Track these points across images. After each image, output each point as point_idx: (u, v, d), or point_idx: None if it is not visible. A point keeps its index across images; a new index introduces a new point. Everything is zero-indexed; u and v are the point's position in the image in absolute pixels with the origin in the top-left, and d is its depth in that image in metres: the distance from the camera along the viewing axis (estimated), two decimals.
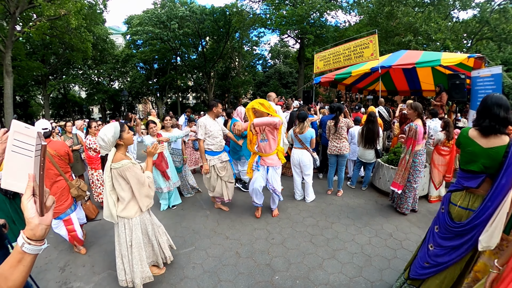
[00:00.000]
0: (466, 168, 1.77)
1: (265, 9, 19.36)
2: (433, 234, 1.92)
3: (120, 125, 2.11)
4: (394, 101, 13.17)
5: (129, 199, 2.19)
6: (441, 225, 1.86)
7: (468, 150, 1.75)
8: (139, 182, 2.15)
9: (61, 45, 18.49)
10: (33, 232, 0.73)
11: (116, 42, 26.74)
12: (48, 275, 2.75)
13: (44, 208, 0.75)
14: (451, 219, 1.79)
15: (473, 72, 5.83)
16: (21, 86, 20.07)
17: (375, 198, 4.47)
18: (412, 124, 3.41)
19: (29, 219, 0.73)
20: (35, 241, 0.74)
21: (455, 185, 1.86)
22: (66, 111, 28.52)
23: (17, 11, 12.26)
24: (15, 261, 0.73)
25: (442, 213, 1.88)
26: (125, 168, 2.10)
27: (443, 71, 7.62)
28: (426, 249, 1.95)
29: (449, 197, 1.85)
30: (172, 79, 26.08)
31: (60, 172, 2.88)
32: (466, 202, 1.75)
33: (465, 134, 1.80)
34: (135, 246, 2.25)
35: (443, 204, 1.90)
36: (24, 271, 0.74)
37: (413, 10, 13.27)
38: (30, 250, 0.74)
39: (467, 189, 1.76)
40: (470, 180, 1.73)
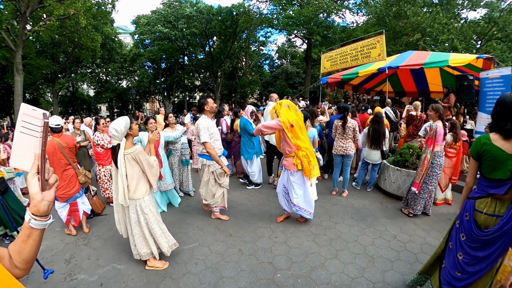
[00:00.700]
0: (491, 176, 1.67)
1: (272, 9, 19.34)
2: (460, 242, 1.84)
3: (129, 118, 2.46)
4: (402, 103, 13.04)
5: (139, 180, 2.49)
6: (467, 233, 1.79)
7: (492, 158, 1.65)
8: (149, 164, 2.49)
9: (70, 44, 18.79)
10: (36, 208, 0.78)
11: (124, 41, 27.08)
12: (54, 266, 2.82)
13: (46, 184, 0.80)
14: (478, 228, 1.71)
15: (482, 73, 5.72)
16: (31, 84, 20.44)
17: (380, 200, 4.43)
18: (432, 124, 3.39)
19: (33, 195, 0.78)
20: (39, 216, 0.79)
21: (479, 192, 1.77)
22: (75, 108, 28.97)
23: (28, 11, 12.51)
24: (25, 236, 0.79)
25: (467, 221, 1.79)
26: (139, 152, 2.44)
27: (452, 72, 7.51)
28: (456, 258, 1.86)
29: (473, 204, 1.77)
30: (179, 79, 26.25)
31: (70, 161, 3.34)
32: (492, 208, 1.67)
33: (488, 141, 1.68)
34: (153, 221, 2.58)
35: (467, 211, 1.81)
36: (34, 245, 0.80)
37: (421, 10, 13.08)
38: (36, 225, 0.79)
39: (492, 195, 1.68)
40: (497, 188, 1.65)
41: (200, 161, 3.45)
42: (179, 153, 4.58)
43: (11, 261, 0.80)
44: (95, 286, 2.49)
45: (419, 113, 6.12)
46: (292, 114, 3.18)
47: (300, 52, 28.98)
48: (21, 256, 0.79)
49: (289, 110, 3.19)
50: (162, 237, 2.64)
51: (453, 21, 12.61)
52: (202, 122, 3.26)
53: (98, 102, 28.89)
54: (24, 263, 0.80)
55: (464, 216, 1.84)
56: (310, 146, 3.28)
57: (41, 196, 0.78)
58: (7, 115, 21.86)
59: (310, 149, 3.24)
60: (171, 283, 2.47)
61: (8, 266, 0.78)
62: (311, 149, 3.28)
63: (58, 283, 2.55)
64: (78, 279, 2.59)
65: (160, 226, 2.65)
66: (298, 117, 3.24)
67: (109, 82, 26.66)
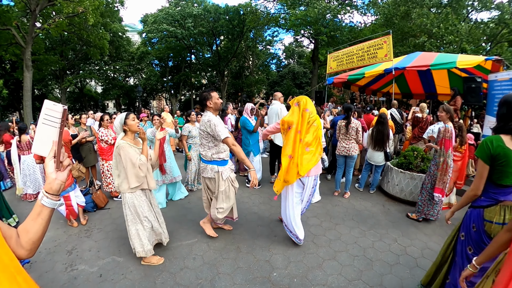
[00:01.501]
0: (504, 183, 1.56)
1: (279, 9, 19.29)
2: (468, 256, 1.72)
3: (126, 114, 2.51)
4: (409, 105, 12.86)
5: (124, 176, 2.49)
6: (475, 245, 1.67)
7: (507, 162, 1.52)
8: (130, 162, 2.41)
9: (78, 41, 19.10)
10: (50, 185, 0.88)
11: (132, 39, 27.35)
12: (56, 256, 2.89)
13: (60, 165, 0.91)
14: (489, 238, 1.61)
15: (491, 75, 5.60)
16: (40, 80, 20.85)
17: (382, 202, 4.39)
18: (447, 125, 3.30)
19: (49, 174, 0.89)
20: (51, 195, 0.88)
21: (486, 200, 1.64)
22: (82, 105, 29.42)
23: (37, 8, 12.77)
24: (35, 214, 0.87)
25: (475, 232, 1.68)
26: (120, 147, 2.42)
27: (460, 74, 7.37)
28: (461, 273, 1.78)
29: (481, 214, 1.65)
30: (186, 77, 26.42)
31: None
32: (502, 217, 1.57)
33: (501, 143, 1.53)
34: (130, 220, 2.58)
35: (474, 222, 1.69)
36: (43, 224, 0.87)
37: (429, 11, 12.88)
38: (47, 203, 0.87)
39: (502, 202, 1.59)
40: (507, 194, 1.56)
41: (210, 168, 2.81)
42: (198, 148, 4.66)
43: (18, 241, 0.84)
44: (94, 277, 2.53)
45: (425, 115, 6.03)
46: (294, 116, 2.80)
47: (307, 52, 28.84)
48: (28, 235, 0.85)
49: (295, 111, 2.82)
50: (136, 240, 2.57)
51: (463, 23, 12.37)
52: (213, 117, 2.73)
53: (106, 99, 29.27)
54: (30, 243, 0.85)
55: (471, 227, 1.72)
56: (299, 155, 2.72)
57: (55, 175, 0.89)
58: (16, 110, 22.34)
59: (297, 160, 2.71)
60: (168, 277, 2.50)
61: (14, 246, 0.82)
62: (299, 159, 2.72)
63: (59, 273, 2.61)
64: (79, 270, 2.65)
65: (137, 226, 2.57)
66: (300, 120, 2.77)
67: (117, 79, 27.00)
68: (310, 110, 2.78)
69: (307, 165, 2.71)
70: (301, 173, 2.69)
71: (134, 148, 2.50)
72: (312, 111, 2.80)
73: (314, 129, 2.78)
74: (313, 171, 2.80)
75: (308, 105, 2.80)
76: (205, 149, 2.82)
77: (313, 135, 2.76)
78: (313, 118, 2.78)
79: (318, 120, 2.83)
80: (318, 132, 2.81)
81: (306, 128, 2.76)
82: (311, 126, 2.76)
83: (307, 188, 2.89)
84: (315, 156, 2.77)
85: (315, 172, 2.85)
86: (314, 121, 2.78)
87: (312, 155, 2.75)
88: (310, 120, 2.76)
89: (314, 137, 2.78)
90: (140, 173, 2.46)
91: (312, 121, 2.77)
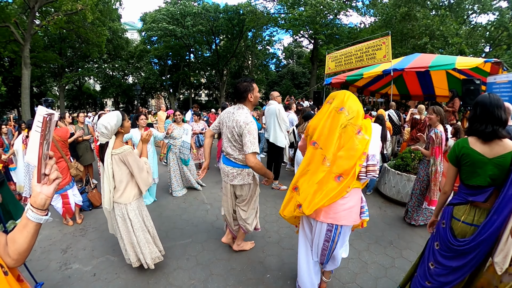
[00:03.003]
0: (470, 183, 1.59)
1: (278, 9, 19.31)
2: (433, 251, 1.76)
3: (121, 114, 2.21)
4: (408, 106, 12.88)
5: (126, 184, 2.26)
6: (442, 242, 1.70)
7: (471, 163, 1.57)
8: (138, 167, 2.23)
9: (77, 39, 19.08)
10: (34, 199, 0.80)
11: (132, 37, 27.34)
12: (50, 255, 2.88)
13: (44, 177, 0.81)
14: (453, 236, 1.62)
15: (489, 77, 5.62)
16: (38, 78, 20.83)
17: (379, 204, 4.38)
18: (437, 130, 3.14)
19: (33, 185, 0.80)
20: (36, 209, 0.80)
21: (458, 198, 1.68)
22: (81, 103, 29.37)
23: (36, 5, 12.76)
24: (22, 226, 0.81)
25: (443, 229, 1.70)
26: (127, 153, 2.18)
27: (458, 76, 7.39)
28: (426, 267, 1.79)
29: (451, 211, 1.68)
30: (185, 76, 26.47)
31: (62, 154, 3.45)
32: (471, 217, 1.58)
33: (466, 145, 1.60)
34: (138, 229, 2.34)
35: (444, 218, 1.72)
36: (28, 237, 0.80)
37: (429, 12, 12.91)
38: (31, 217, 0.80)
39: (472, 202, 1.60)
40: (477, 195, 1.57)
41: (247, 173, 2.41)
42: (178, 150, 4.59)
43: (6, 249, 0.81)
44: (88, 276, 2.53)
45: (423, 116, 6.04)
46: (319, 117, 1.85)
47: (307, 52, 28.87)
48: (14, 245, 0.80)
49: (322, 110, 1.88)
50: (146, 247, 2.38)
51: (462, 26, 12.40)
52: (250, 118, 2.24)
53: (104, 97, 29.26)
54: (16, 253, 0.80)
55: (441, 224, 1.75)
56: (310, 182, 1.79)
57: (39, 189, 0.80)
58: (14, 107, 22.26)
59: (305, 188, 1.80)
60: (161, 277, 2.49)
61: (2, 253, 0.80)
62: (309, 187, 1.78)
63: (54, 271, 2.60)
64: (73, 269, 2.64)
65: (145, 235, 2.40)
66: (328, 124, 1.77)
67: (115, 78, 26.96)
68: (350, 112, 1.73)
69: (319, 198, 1.69)
70: (305, 209, 1.72)
71: (135, 151, 2.36)
72: (354, 113, 1.73)
73: (355, 143, 1.67)
74: (332, 214, 1.74)
75: (349, 102, 1.76)
76: (240, 151, 2.32)
77: (350, 154, 1.67)
78: (355, 124, 1.71)
79: (368, 128, 1.72)
80: (361, 149, 1.67)
81: (338, 140, 1.71)
82: (351, 138, 1.69)
83: (315, 234, 1.90)
84: (339, 191, 1.68)
85: (338, 220, 1.75)
86: (358, 130, 1.70)
87: (337, 186, 1.68)
88: (349, 126, 1.70)
89: (351, 158, 1.67)
90: (149, 178, 2.32)
91: (353, 129, 1.70)
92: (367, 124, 1.74)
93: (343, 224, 1.78)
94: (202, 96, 39.60)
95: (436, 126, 3.23)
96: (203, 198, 4.49)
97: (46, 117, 0.76)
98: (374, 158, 1.72)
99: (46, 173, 0.81)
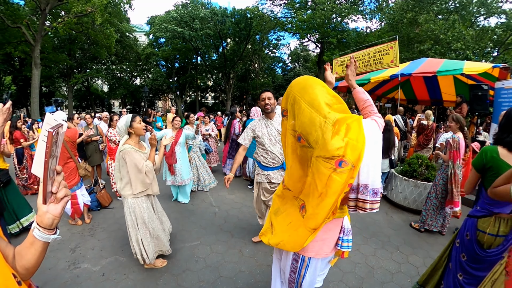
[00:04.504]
0: None
1: (285, 13, 19.40)
2: (461, 262, 1.76)
3: (132, 117, 2.39)
4: (415, 111, 12.78)
5: (127, 180, 2.41)
6: (468, 254, 1.70)
7: (497, 174, 1.53)
8: (136, 167, 2.33)
9: (86, 40, 19.44)
10: (40, 218, 0.74)
11: (140, 40, 27.70)
12: (59, 254, 2.92)
13: (50, 195, 0.75)
14: (480, 247, 1.64)
15: (497, 83, 5.54)
16: (47, 78, 21.23)
17: (386, 210, 4.36)
18: (454, 136, 3.22)
19: (39, 205, 0.74)
20: (43, 228, 0.75)
21: (481, 210, 1.68)
22: (89, 103, 29.77)
23: (47, 7, 13.07)
24: (29, 243, 0.76)
25: (468, 241, 1.71)
26: (125, 152, 2.32)
27: (466, 81, 7.32)
28: (456, 279, 1.78)
29: (475, 223, 1.69)
30: (192, 78, 26.71)
31: (71, 155, 3.52)
32: (496, 228, 1.59)
33: (495, 155, 1.58)
34: (130, 226, 2.49)
35: (468, 230, 1.73)
36: (36, 255, 0.76)
37: (435, 17, 12.84)
38: (38, 236, 0.75)
39: (497, 214, 1.60)
40: (502, 207, 1.56)
41: (280, 174, 2.73)
42: (198, 149, 4.87)
43: (13, 262, 0.78)
44: (97, 276, 2.56)
45: (430, 122, 6.00)
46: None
47: (313, 56, 28.89)
48: (21, 261, 0.77)
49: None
50: (137, 247, 2.51)
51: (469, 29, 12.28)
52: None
53: (112, 98, 29.62)
54: (23, 268, 0.77)
55: (465, 235, 1.76)
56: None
57: (46, 208, 0.74)
58: (24, 106, 22.69)
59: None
60: (170, 278, 2.51)
61: (11, 266, 0.77)
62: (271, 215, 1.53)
63: (62, 270, 2.64)
64: (82, 268, 2.68)
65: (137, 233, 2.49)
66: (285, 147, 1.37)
67: (123, 79, 27.32)
68: (296, 109, 1.21)
69: (281, 233, 1.39)
70: (270, 238, 1.45)
71: (139, 153, 2.40)
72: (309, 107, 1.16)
73: (319, 169, 1.12)
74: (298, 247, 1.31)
75: (294, 92, 1.26)
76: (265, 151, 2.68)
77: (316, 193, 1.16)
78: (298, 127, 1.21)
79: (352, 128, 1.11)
80: (338, 180, 1.09)
81: (293, 163, 1.31)
82: (303, 146, 1.20)
83: (282, 260, 1.60)
84: (295, 229, 1.32)
85: (305, 250, 1.40)
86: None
87: (307, 235, 1.26)
88: (292, 128, 1.25)
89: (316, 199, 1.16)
90: (146, 180, 2.38)
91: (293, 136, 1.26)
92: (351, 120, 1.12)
93: (312, 257, 1.40)
94: (208, 99, 39.87)
95: (456, 133, 3.29)
96: (211, 200, 4.53)
97: (52, 132, 0.68)
98: (368, 189, 1.17)
99: (53, 191, 0.74)
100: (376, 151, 1.16)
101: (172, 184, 4.28)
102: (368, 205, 1.21)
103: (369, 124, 1.22)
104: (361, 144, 1.09)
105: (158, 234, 2.59)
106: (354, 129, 1.11)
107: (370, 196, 1.19)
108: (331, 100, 1.20)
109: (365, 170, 1.15)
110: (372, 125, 1.23)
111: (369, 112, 1.42)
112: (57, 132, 0.70)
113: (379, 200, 1.23)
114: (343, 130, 1.10)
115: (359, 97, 1.51)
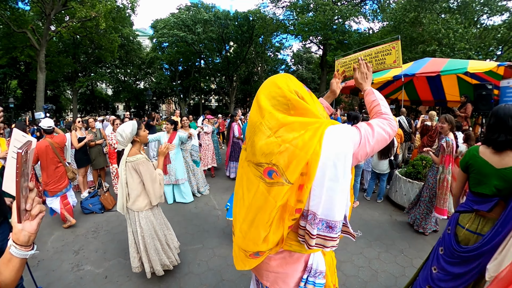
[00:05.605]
0: (476, 190, 1.61)
1: (288, 15, 19.44)
2: (438, 256, 1.78)
3: (137, 123, 2.25)
4: (418, 112, 12.68)
5: (139, 192, 2.27)
6: (446, 247, 1.72)
7: (477, 171, 1.60)
8: (151, 178, 2.24)
9: (90, 45, 19.68)
10: (16, 236, 0.73)
11: (143, 44, 27.98)
12: (63, 256, 2.95)
13: (25, 213, 0.74)
14: (457, 243, 1.64)
15: (503, 81, 5.46)
16: (53, 81, 21.51)
17: (390, 212, 4.31)
18: (448, 139, 3.12)
19: (13, 223, 0.73)
20: (19, 245, 0.74)
21: (464, 205, 1.69)
22: (93, 106, 30.07)
23: (52, 12, 13.29)
24: (6, 259, 0.75)
25: (448, 234, 1.73)
26: (140, 162, 2.21)
27: (469, 80, 7.22)
28: (429, 271, 1.80)
29: (457, 218, 1.71)
30: (195, 81, 26.86)
31: (61, 159, 3.64)
32: (475, 225, 1.60)
33: (475, 153, 1.63)
34: (148, 236, 2.35)
35: (450, 224, 1.75)
36: (14, 271, 0.75)
37: (438, 16, 12.74)
38: (15, 254, 0.74)
39: (477, 211, 1.60)
40: (481, 204, 1.57)
41: None
42: (188, 154, 4.79)
43: None
44: (100, 278, 2.58)
45: (434, 123, 5.94)
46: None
47: (316, 57, 28.89)
48: (0, 276, 0.75)
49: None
50: (155, 255, 2.38)
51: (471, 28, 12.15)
52: None
53: (116, 101, 29.92)
54: (3, 284, 0.75)
55: (446, 229, 1.77)
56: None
57: (21, 226, 0.73)
58: (29, 110, 22.99)
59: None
60: (173, 281, 2.52)
61: None
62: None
63: (66, 272, 2.67)
64: (85, 270, 2.70)
65: (155, 243, 2.39)
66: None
67: (127, 83, 27.58)
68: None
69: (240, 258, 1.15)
70: (235, 262, 1.20)
71: (150, 161, 2.32)
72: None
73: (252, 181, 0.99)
74: (258, 267, 1.17)
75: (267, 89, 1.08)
76: None
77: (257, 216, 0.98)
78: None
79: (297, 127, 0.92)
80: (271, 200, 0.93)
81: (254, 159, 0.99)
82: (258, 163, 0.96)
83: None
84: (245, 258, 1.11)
85: (261, 276, 1.22)
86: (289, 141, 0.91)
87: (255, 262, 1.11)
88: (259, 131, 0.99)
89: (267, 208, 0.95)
90: (160, 189, 2.30)
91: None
92: (312, 127, 0.90)
93: (268, 286, 1.19)
94: (212, 102, 40.02)
95: (447, 134, 3.20)
96: (214, 204, 4.53)
97: (21, 152, 0.66)
98: (317, 219, 0.94)
99: (27, 208, 0.74)
100: (339, 169, 0.88)
101: (166, 183, 4.35)
102: (314, 240, 0.96)
103: (342, 131, 0.92)
104: (306, 154, 0.85)
105: (170, 243, 2.57)
106: (306, 135, 0.87)
107: (321, 230, 0.95)
108: (288, 104, 0.96)
109: (316, 192, 0.91)
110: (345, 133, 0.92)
111: (375, 113, 1.15)
112: (26, 151, 0.69)
113: (336, 238, 0.97)
114: (288, 134, 0.89)
115: (366, 99, 1.28)
